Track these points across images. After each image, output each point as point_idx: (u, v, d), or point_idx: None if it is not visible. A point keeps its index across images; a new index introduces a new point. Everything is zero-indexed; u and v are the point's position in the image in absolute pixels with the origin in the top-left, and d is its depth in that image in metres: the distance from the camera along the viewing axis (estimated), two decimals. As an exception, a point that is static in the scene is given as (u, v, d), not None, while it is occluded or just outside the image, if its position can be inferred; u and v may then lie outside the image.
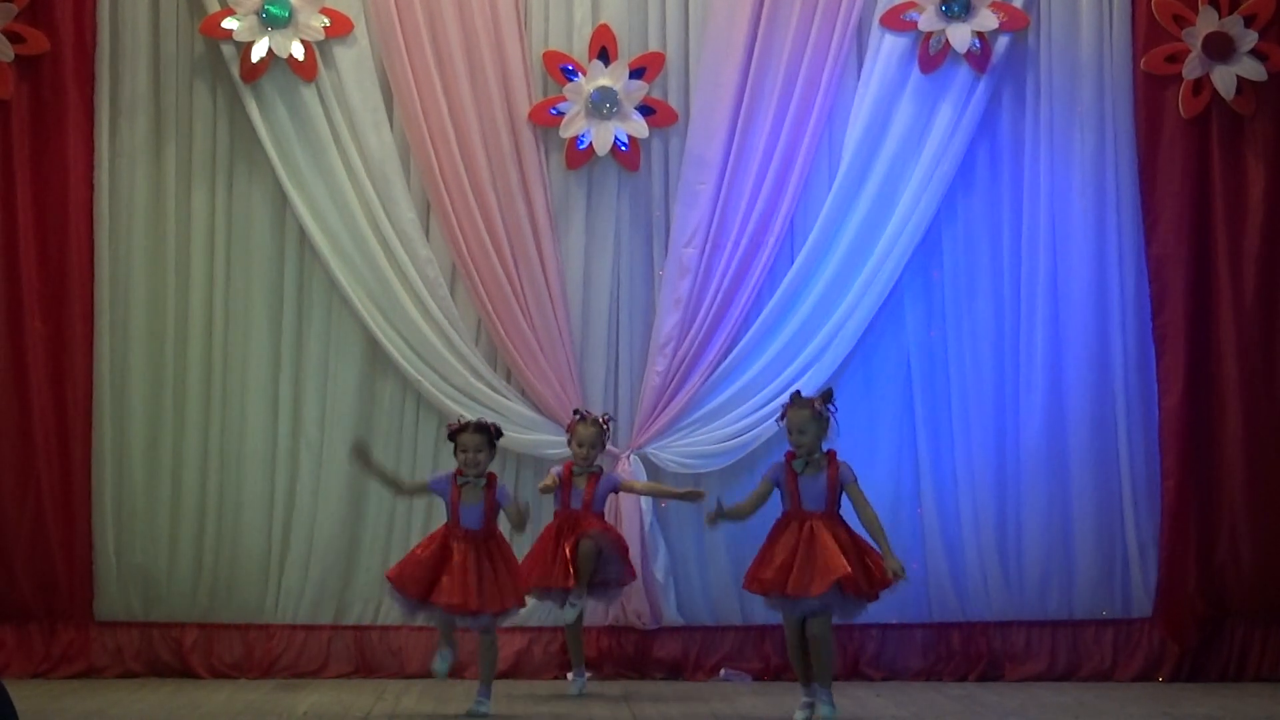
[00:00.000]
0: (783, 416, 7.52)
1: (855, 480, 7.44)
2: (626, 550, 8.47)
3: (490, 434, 7.79)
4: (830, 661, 7.43)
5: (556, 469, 8.48)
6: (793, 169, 9.02)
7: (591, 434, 8.38)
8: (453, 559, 7.66)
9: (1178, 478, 8.91)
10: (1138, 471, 9.02)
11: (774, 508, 7.55)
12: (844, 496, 7.45)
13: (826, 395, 7.50)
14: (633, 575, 8.51)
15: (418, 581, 7.70)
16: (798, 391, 7.66)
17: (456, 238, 8.97)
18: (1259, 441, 8.95)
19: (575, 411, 8.54)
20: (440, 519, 8.05)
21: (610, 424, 8.55)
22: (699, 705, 8.09)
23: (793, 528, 7.37)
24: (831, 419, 7.45)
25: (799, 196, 9.06)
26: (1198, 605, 8.90)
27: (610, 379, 9.13)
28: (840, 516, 7.44)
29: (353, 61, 9.03)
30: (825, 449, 7.45)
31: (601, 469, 8.48)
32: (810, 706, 7.39)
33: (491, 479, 7.78)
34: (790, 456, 7.48)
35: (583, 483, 8.40)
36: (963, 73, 9.06)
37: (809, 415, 7.41)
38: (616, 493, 8.59)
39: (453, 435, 7.83)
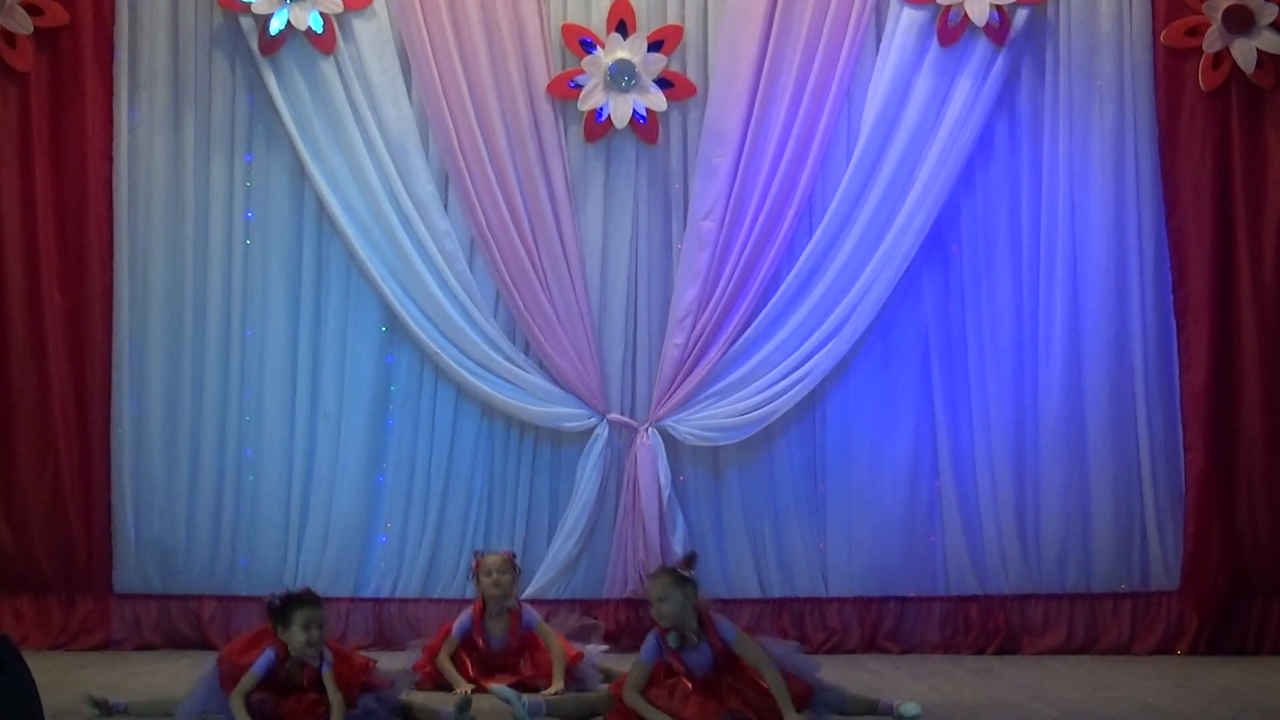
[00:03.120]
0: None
1: (738, 631, 6.78)
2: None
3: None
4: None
5: (449, 669, 7.56)
6: (811, 142, 8.99)
7: (501, 561, 7.70)
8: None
9: (1202, 451, 8.86)
10: (1157, 444, 8.98)
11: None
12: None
13: (689, 559, 6.86)
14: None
15: None
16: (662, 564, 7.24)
17: (475, 210, 8.96)
18: (1277, 414, 8.92)
19: (475, 552, 7.91)
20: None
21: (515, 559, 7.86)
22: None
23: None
24: (696, 584, 6.78)
25: (817, 170, 9.03)
26: (1221, 579, 8.88)
27: (628, 352, 9.11)
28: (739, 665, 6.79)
29: (371, 34, 9.01)
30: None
31: (519, 603, 7.80)
32: None
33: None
34: (662, 632, 6.80)
35: (501, 625, 7.74)
36: (981, 46, 9.02)
37: (669, 582, 6.75)
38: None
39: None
